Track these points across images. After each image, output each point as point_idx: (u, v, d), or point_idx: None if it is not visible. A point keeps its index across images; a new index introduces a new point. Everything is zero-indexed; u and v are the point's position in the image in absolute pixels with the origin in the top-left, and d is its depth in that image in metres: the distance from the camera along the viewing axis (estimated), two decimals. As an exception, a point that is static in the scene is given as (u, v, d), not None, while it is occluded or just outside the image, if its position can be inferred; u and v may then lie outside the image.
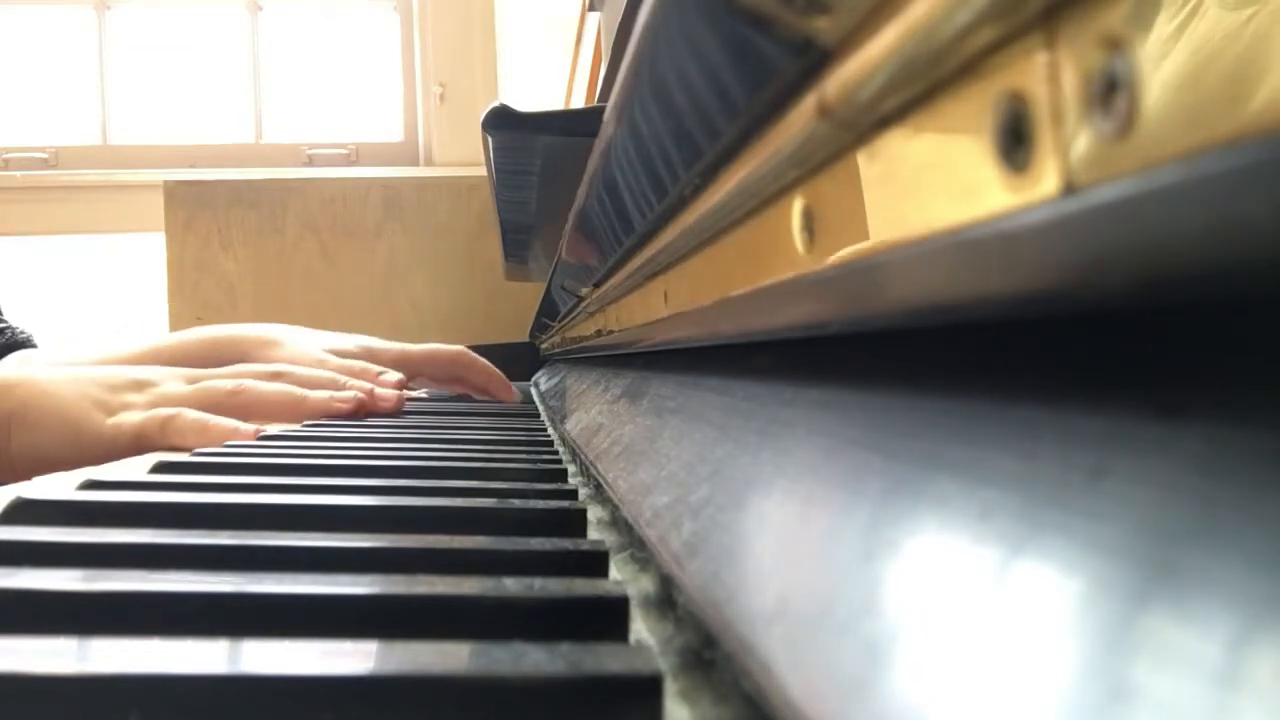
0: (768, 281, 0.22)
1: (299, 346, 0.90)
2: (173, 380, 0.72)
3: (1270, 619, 0.08)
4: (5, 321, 1.32)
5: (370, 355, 0.92)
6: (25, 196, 2.30)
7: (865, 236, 0.16)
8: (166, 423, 0.65)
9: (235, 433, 0.64)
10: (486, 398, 0.99)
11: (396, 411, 0.80)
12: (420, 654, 0.19)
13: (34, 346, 1.29)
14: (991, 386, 0.16)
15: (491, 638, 0.19)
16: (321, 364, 0.84)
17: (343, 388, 0.78)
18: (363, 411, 0.76)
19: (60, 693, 0.17)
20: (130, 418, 0.66)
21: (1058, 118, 0.11)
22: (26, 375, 0.69)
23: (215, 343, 0.91)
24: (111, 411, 0.67)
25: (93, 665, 0.18)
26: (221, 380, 0.73)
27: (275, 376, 0.76)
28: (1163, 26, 0.09)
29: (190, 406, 0.67)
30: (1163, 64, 0.09)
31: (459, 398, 1.01)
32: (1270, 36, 0.08)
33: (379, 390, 0.80)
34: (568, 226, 0.57)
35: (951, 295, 0.15)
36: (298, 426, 0.67)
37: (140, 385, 0.71)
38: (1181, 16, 0.09)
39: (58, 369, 0.74)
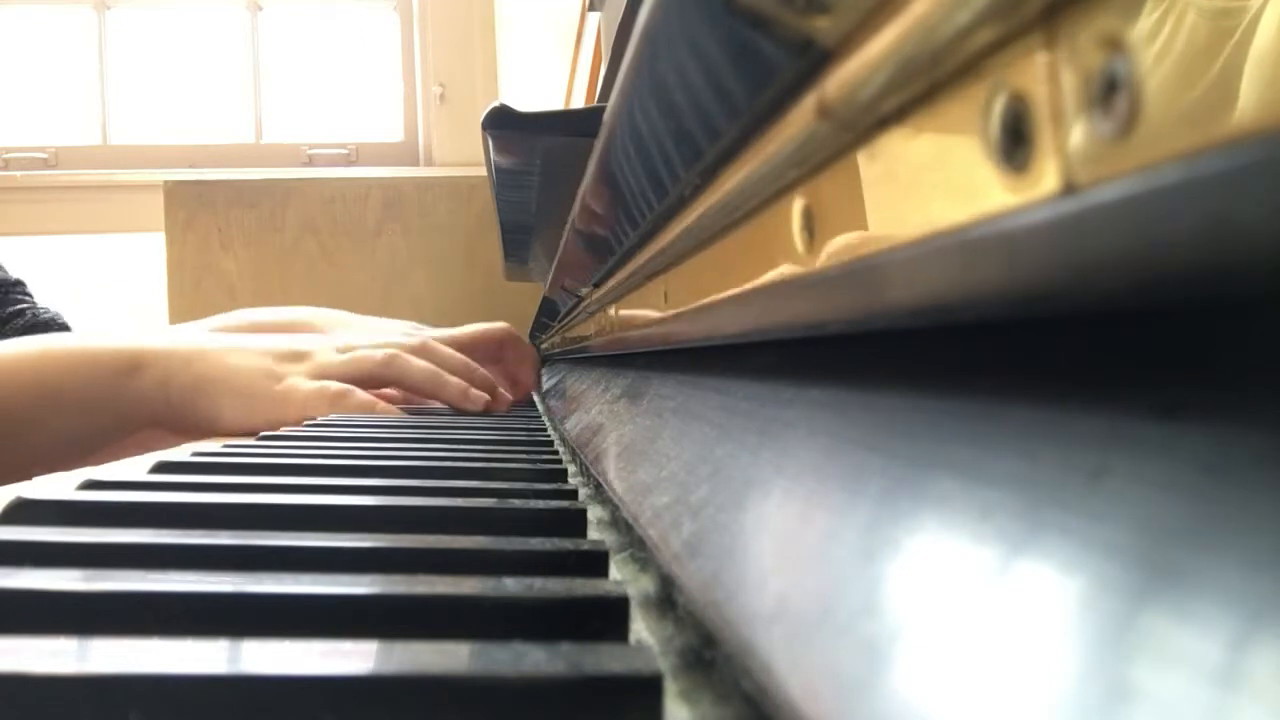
0: (768, 281, 0.22)
1: (377, 331, 0.95)
2: (327, 350, 0.80)
3: (1270, 619, 0.08)
4: (29, 301, 1.31)
5: (424, 344, 0.92)
6: (25, 196, 2.30)
7: (865, 236, 0.16)
8: (335, 400, 0.75)
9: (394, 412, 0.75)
10: (510, 382, 0.96)
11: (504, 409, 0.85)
12: (420, 654, 0.19)
13: (63, 325, 1.28)
14: (991, 386, 0.16)
15: (491, 638, 0.19)
16: (428, 349, 0.86)
17: (474, 373, 0.84)
18: (483, 410, 0.81)
19: (60, 693, 0.17)
20: (298, 386, 0.76)
21: (1057, 118, 0.11)
22: (201, 348, 0.78)
23: (292, 325, 0.96)
24: (278, 379, 0.76)
25: (93, 665, 0.18)
26: (372, 350, 0.81)
27: (421, 351, 0.82)
28: (1163, 27, 0.09)
29: (344, 375, 0.77)
30: (1163, 64, 0.09)
31: None
32: (1270, 37, 0.08)
33: (500, 392, 0.85)
34: (568, 226, 0.57)
35: (951, 295, 0.15)
36: (298, 427, 0.67)
37: (299, 356, 0.79)
38: (1181, 17, 0.09)
39: (222, 338, 0.82)
